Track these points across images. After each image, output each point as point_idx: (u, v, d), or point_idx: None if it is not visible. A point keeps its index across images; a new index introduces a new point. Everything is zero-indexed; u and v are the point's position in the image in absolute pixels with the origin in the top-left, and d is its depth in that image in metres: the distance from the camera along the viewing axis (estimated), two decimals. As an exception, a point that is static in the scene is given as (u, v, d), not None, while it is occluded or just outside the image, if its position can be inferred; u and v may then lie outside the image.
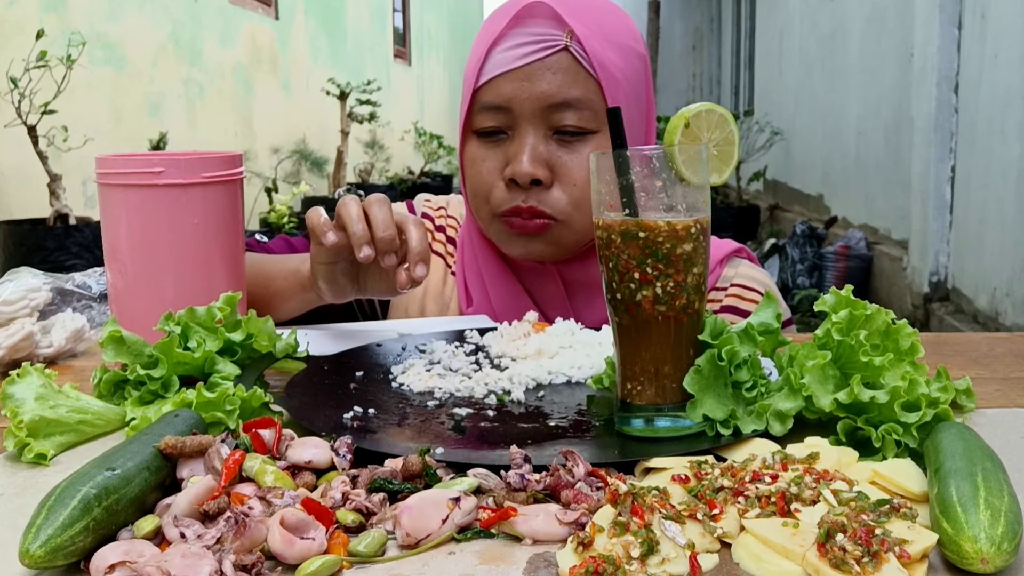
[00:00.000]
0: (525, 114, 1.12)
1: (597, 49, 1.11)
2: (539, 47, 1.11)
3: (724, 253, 1.25)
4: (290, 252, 1.30)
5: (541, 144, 1.12)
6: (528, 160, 1.11)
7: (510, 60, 1.12)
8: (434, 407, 0.87)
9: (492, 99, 1.13)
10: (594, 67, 1.11)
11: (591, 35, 1.11)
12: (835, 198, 7.71)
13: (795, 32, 8.82)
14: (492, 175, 1.15)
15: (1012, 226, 4.54)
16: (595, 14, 1.14)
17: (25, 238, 4.45)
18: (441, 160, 10.74)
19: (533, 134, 1.12)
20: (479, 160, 1.16)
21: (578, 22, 1.11)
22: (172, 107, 6.34)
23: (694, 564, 0.56)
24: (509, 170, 1.13)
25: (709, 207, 0.79)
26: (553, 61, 1.11)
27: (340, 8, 9.87)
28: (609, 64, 1.12)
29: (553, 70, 1.11)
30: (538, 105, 1.11)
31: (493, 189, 1.15)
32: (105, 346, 0.85)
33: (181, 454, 0.68)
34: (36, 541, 0.56)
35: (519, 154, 1.12)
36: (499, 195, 1.15)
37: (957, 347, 1.12)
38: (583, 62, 1.11)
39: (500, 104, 1.13)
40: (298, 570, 0.57)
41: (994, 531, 0.55)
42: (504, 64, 1.12)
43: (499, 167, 1.15)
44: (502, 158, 1.15)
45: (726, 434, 0.76)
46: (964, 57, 5.17)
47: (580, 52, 1.11)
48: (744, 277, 1.24)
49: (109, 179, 1.01)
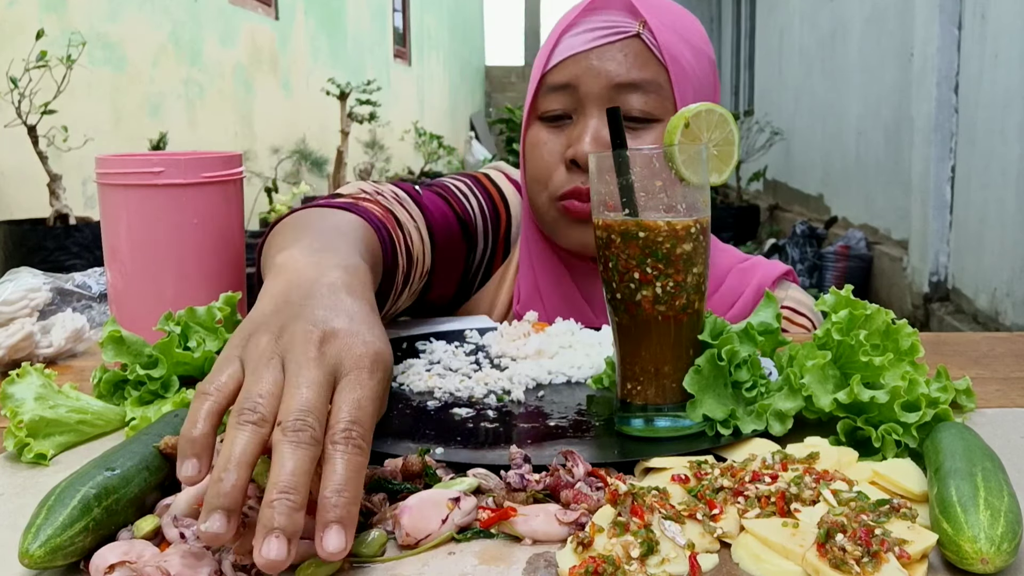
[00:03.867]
0: (591, 95, 1.11)
1: (669, 41, 1.12)
2: (611, 31, 1.12)
3: (775, 275, 1.25)
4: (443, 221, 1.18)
5: (605, 128, 1.10)
6: (591, 141, 1.10)
7: (581, 43, 1.12)
8: (434, 407, 0.87)
9: (559, 79, 1.13)
10: (664, 57, 1.11)
11: (664, 28, 1.12)
12: (835, 198, 7.71)
13: (795, 32, 8.82)
14: (553, 157, 1.15)
15: (1012, 226, 4.54)
16: (670, 12, 1.15)
17: (25, 238, 4.45)
18: (441, 160, 10.74)
19: (598, 116, 1.11)
20: (541, 143, 1.16)
21: (652, 14, 1.12)
22: (172, 107, 6.33)
23: (694, 564, 0.56)
24: (571, 151, 1.12)
25: (709, 207, 0.79)
26: (624, 44, 1.11)
27: (340, 8, 9.87)
28: (680, 57, 1.12)
29: (624, 52, 1.11)
30: (605, 84, 1.11)
31: (554, 173, 1.15)
32: (105, 346, 0.85)
33: (181, 454, 0.68)
34: (36, 541, 0.56)
35: (582, 135, 1.11)
36: (559, 178, 1.14)
37: (957, 347, 1.12)
38: (654, 50, 1.11)
39: (567, 82, 1.12)
40: (298, 570, 0.57)
41: (994, 531, 0.55)
42: (574, 47, 1.12)
43: (561, 150, 1.14)
44: (565, 142, 1.14)
45: (726, 434, 0.76)
46: (964, 57, 5.17)
47: (652, 40, 1.11)
48: (793, 300, 1.25)
49: (109, 179, 1.01)
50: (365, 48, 10.61)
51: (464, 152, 13.18)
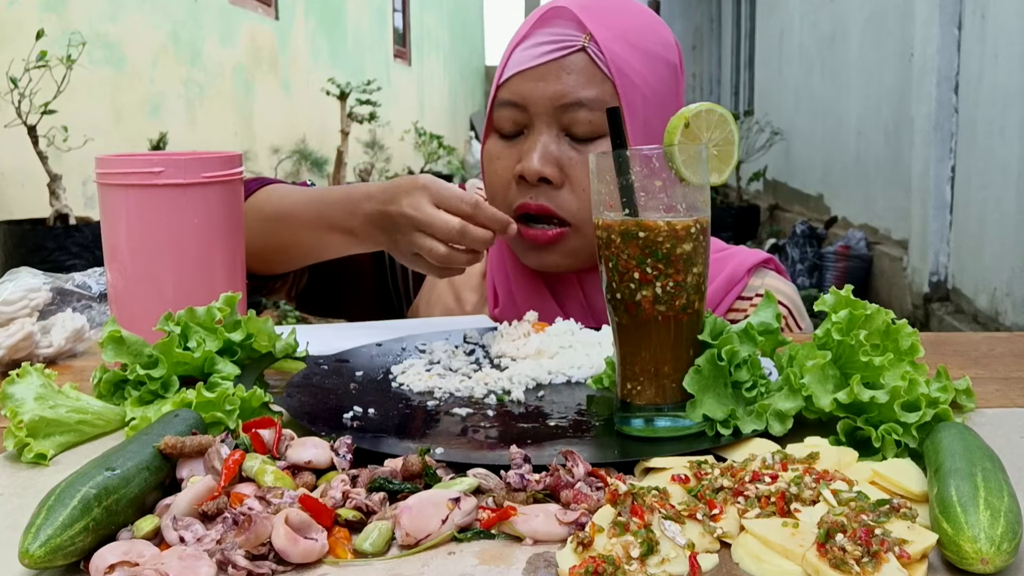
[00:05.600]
0: (539, 113, 1.12)
1: (617, 52, 1.11)
2: (556, 47, 1.11)
3: (752, 263, 1.25)
4: None
5: (553, 143, 1.12)
6: (537, 158, 1.11)
7: (528, 59, 1.12)
8: (434, 407, 0.87)
9: (509, 96, 1.14)
10: (611, 71, 1.10)
11: (612, 38, 1.11)
12: (835, 198, 7.71)
13: (795, 32, 8.82)
14: (506, 172, 1.15)
15: (1012, 226, 4.54)
16: (621, 19, 1.13)
17: (25, 238, 4.45)
18: (441, 160, 10.74)
19: (546, 133, 1.12)
20: (495, 158, 1.17)
21: (600, 25, 1.11)
22: (172, 107, 6.34)
23: (694, 564, 0.56)
24: (519, 167, 1.13)
25: (709, 207, 0.79)
26: (569, 61, 1.11)
27: (340, 8, 9.87)
28: (627, 68, 1.11)
29: (568, 70, 1.11)
30: (551, 104, 1.11)
31: (508, 188, 1.15)
32: (105, 346, 0.85)
33: (181, 454, 0.68)
34: (36, 541, 0.56)
35: (530, 152, 1.12)
36: (512, 194, 1.15)
37: (957, 347, 1.12)
38: (600, 64, 1.11)
39: (516, 101, 1.13)
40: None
41: (994, 531, 0.55)
42: (523, 63, 1.13)
43: (512, 165, 1.15)
44: (516, 156, 1.15)
45: (726, 434, 0.76)
46: (964, 57, 5.17)
47: (597, 54, 1.11)
48: (771, 288, 1.24)
49: (109, 179, 1.01)
50: (365, 48, 10.61)
51: (464, 152, 13.19)
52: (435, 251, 1.03)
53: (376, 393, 0.91)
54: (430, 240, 1.03)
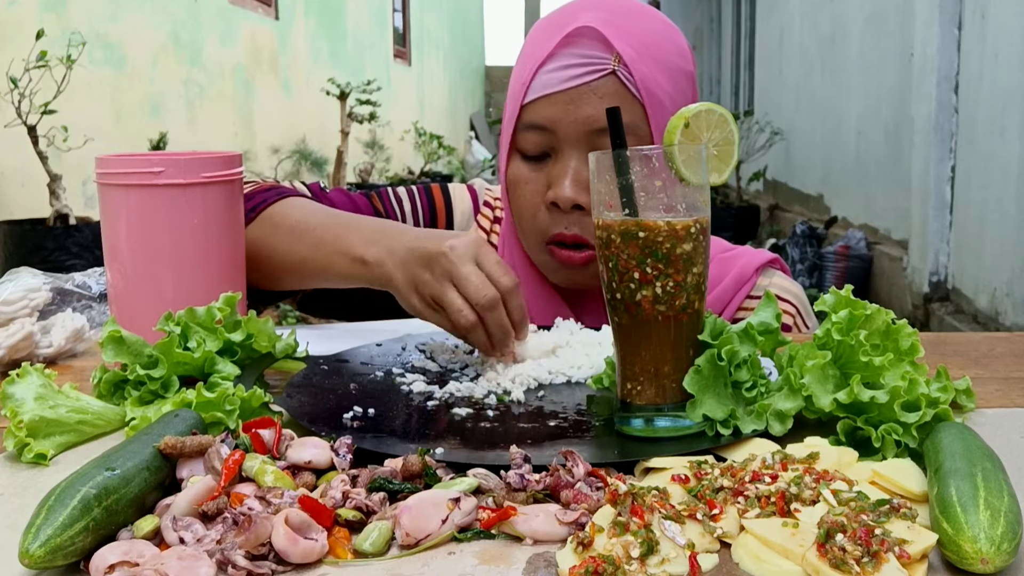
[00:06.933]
0: (569, 137, 1.10)
1: (645, 73, 1.10)
2: (586, 70, 1.09)
3: (760, 262, 1.25)
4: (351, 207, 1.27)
5: (585, 168, 1.09)
6: (570, 184, 1.10)
7: (556, 82, 1.10)
8: (434, 407, 0.87)
9: (537, 119, 1.12)
10: (640, 93, 1.09)
11: (639, 59, 1.10)
12: (835, 198, 7.70)
13: (795, 32, 8.81)
14: (536, 197, 1.14)
15: (1012, 226, 4.54)
16: (644, 36, 1.12)
17: (25, 238, 4.45)
18: (441, 160, 10.74)
19: (577, 158, 1.10)
20: (522, 182, 1.15)
21: (626, 45, 1.09)
22: (172, 107, 6.34)
23: (694, 564, 0.56)
24: (551, 193, 1.11)
25: (709, 207, 0.79)
26: (599, 85, 1.09)
27: (340, 8, 9.87)
28: (656, 89, 1.10)
29: (599, 94, 1.09)
30: (583, 129, 1.10)
31: (538, 213, 1.14)
32: (105, 346, 0.85)
33: (181, 454, 0.68)
34: (36, 541, 0.56)
35: (561, 178, 1.11)
36: (543, 220, 1.14)
37: (957, 347, 1.12)
38: (630, 87, 1.10)
39: (545, 125, 1.11)
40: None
41: (994, 531, 0.55)
42: (550, 85, 1.11)
43: (542, 191, 1.14)
44: (545, 181, 1.13)
45: (726, 434, 0.76)
46: (964, 57, 5.16)
47: (627, 76, 1.09)
48: (778, 288, 1.24)
49: (109, 179, 1.01)
50: (365, 48, 10.61)
51: (464, 152, 13.18)
52: (464, 317, 0.94)
53: (376, 393, 0.91)
54: (460, 300, 0.94)
